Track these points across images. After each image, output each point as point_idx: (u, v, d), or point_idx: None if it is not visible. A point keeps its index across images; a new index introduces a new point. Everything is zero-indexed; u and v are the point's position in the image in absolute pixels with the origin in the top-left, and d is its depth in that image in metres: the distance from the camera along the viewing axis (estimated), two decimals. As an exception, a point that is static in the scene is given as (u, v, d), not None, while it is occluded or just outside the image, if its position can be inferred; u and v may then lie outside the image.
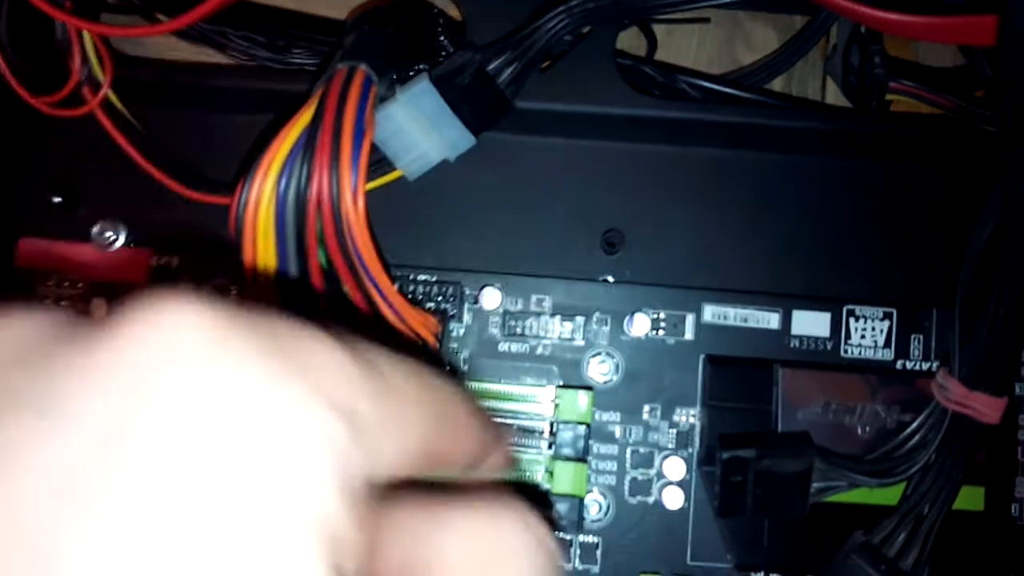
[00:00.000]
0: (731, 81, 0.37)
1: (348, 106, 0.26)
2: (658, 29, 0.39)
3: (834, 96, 0.39)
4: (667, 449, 0.33)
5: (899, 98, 0.35)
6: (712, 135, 0.34)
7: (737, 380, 0.32)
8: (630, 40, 0.39)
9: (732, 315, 0.33)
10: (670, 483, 0.33)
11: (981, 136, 0.33)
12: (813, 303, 0.33)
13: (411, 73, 0.32)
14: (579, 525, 0.32)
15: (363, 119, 0.26)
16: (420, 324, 0.29)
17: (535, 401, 0.32)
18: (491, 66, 0.31)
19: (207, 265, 0.33)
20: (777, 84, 0.39)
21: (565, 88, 0.33)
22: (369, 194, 0.31)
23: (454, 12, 0.35)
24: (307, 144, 0.27)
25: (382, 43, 0.28)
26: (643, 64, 0.36)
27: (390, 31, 0.29)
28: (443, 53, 0.35)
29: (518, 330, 0.33)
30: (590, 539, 0.32)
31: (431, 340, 0.29)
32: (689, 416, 0.33)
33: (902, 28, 0.29)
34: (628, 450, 0.33)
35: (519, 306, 0.33)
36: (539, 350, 0.33)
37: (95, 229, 0.33)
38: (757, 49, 0.39)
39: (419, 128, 0.31)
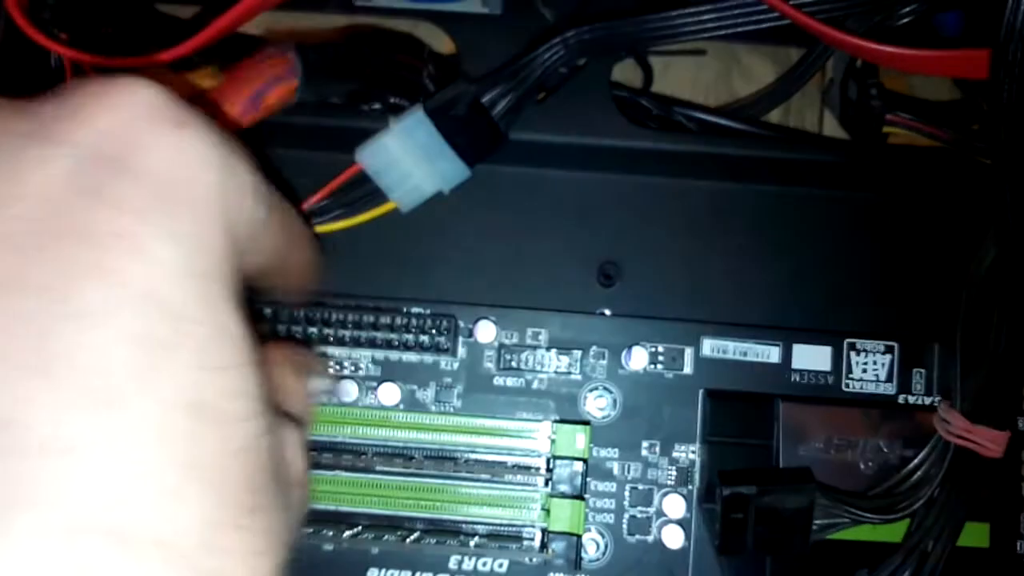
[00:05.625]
0: (728, 113, 0.36)
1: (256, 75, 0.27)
2: (655, 62, 0.39)
3: (831, 128, 0.39)
4: (667, 486, 0.32)
5: (896, 131, 0.35)
6: (709, 167, 0.34)
7: (737, 415, 0.32)
8: (626, 72, 0.39)
9: (732, 349, 0.33)
10: (670, 521, 0.32)
11: (979, 168, 0.33)
12: (814, 337, 0.33)
13: (391, 102, 0.32)
14: (577, 565, 0.31)
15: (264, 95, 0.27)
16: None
17: (531, 437, 0.32)
18: (486, 97, 0.31)
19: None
20: (774, 116, 0.38)
21: (561, 120, 0.33)
22: (362, 226, 0.31)
23: (449, 45, 0.35)
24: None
25: (318, 55, 0.28)
26: (639, 96, 0.36)
27: (332, 50, 0.29)
28: (429, 87, 0.34)
29: (513, 364, 0.32)
30: (588, 579, 0.32)
31: None
32: (689, 452, 0.32)
33: (897, 61, 0.29)
34: (627, 487, 0.32)
35: (514, 339, 0.33)
36: (535, 384, 0.32)
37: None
38: (754, 83, 0.39)
39: (413, 160, 0.31)
